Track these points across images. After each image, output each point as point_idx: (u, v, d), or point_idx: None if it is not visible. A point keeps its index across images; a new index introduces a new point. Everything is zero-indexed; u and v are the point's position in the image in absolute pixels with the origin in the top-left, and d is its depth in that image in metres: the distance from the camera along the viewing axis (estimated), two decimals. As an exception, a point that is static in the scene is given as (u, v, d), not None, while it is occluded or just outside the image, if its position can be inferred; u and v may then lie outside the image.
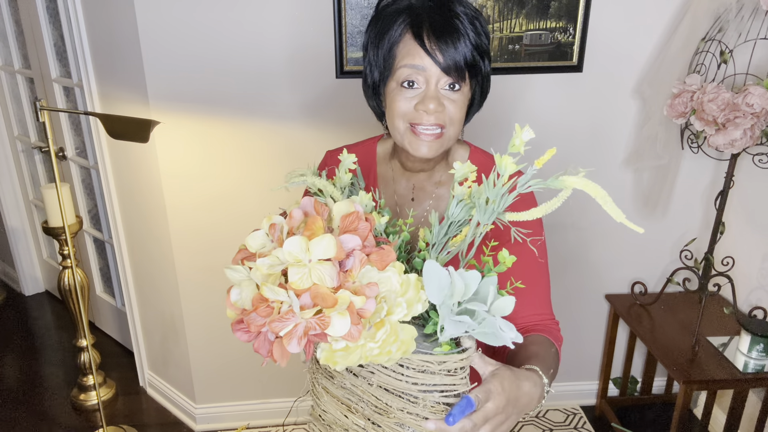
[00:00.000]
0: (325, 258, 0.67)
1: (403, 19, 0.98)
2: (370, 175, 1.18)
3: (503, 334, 0.72)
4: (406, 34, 0.98)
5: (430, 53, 0.96)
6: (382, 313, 0.70)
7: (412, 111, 1.00)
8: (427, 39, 0.96)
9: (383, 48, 1.01)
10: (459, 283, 0.72)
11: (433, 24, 0.96)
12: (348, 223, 0.72)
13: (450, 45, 0.97)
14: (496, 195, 0.77)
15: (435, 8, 0.98)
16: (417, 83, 0.99)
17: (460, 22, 0.97)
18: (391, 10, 1.01)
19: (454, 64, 0.97)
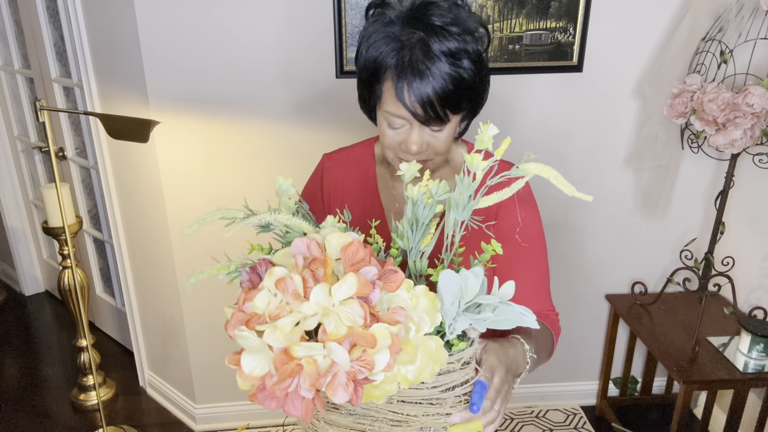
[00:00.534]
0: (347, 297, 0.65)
1: (386, 66, 0.94)
2: (369, 176, 1.17)
3: (524, 318, 0.75)
4: (387, 84, 0.95)
5: (411, 110, 0.94)
6: (411, 333, 0.69)
7: (398, 146, 1.00)
8: (408, 97, 0.93)
9: (368, 83, 0.99)
10: (473, 282, 0.73)
11: (411, 81, 0.92)
12: (352, 255, 0.69)
13: (429, 100, 0.92)
14: (469, 191, 0.79)
15: (417, 55, 0.92)
16: (401, 124, 0.98)
17: (438, 69, 0.92)
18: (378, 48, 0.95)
19: (435, 115, 0.94)
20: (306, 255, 0.69)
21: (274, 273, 0.66)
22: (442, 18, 0.93)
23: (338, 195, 1.18)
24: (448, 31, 0.92)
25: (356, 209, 1.16)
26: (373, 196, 1.16)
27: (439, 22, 0.93)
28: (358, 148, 1.21)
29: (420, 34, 0.92)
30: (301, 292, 0.64)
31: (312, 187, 1.23)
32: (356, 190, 1.17)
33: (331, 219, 0.80)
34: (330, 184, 1.19)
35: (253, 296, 0.66)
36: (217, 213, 0.84)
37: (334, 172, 1.19)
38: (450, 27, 0.93)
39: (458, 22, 0.94)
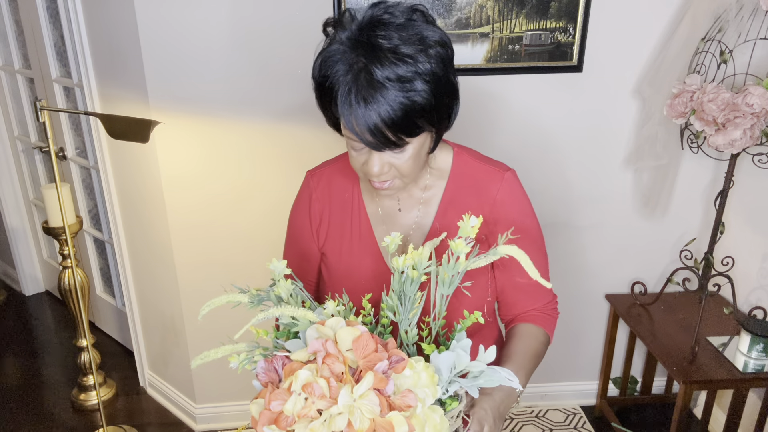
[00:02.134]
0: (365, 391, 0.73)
1: (335, 89, 0.92)
2: (354, 190, 1.16)
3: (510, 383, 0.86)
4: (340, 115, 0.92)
5: (360, 137, 0.91)
6: (418, 409, 0.76)
7: (362, 167, 0.99)
8: (355, 124, 0.90)
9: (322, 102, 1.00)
10: (464, 357, 0.84)
11: (356, 108, 0.88)
12: (363, 346, 0.76)
13: (377, 127, 0.89)
14: (453, 271, 0.87)
15: (362, 82, 0.88)
16: (360, 147, 0.97)
17: (384, 97, 0.87)
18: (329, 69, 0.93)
19: (387, 141, 0.91)
20: (322, 351, 0.76)
21: (300, 377, 0.73)
22: (390, 40, 0.88)
23: (326, 211, 1.17)
24: (396, 54, 0.87)
25: (344, 224, 1.15)
26: (359, 209, 1.15)
27: (387, 44, 0.88)
28: (340, 161, 1.19)
29: (363, 60, 0.88)
30: (327, 394, 0.72)
31: (300, 210, 1.21)
32: (342, 204, 1.16)
33: (332, 305, 0.86)
34: (317, 202, 1.17)
35: (278, 396, 0.74)
36: (225, 297, 0.89)
37: (320, 189, 1.18)
38: (400, 48, 0.88)
39: (409, 41, 0.89)
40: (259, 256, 2.15)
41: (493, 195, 1.10)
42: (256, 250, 2.16)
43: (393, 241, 0.90)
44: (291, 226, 1.24)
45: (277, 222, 2.13)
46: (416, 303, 0.88)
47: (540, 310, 1.18)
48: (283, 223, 2.13)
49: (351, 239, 1.14)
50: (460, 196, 1.11)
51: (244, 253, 2.16)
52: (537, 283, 1.08)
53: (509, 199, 1.11)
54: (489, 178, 1.11)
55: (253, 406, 0.78)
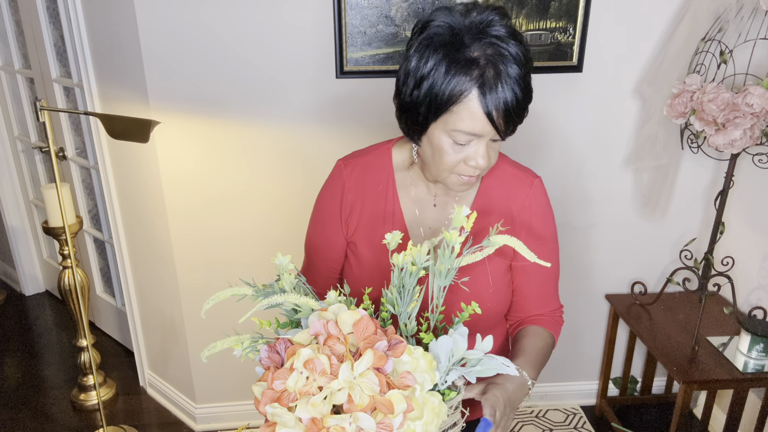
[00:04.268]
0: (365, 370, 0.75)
1: (472, 83, 0.92)
2: (389, 183, 1.15)
3: (506, 368, 0.87)
4: (472, 101, 0.93)
5: (497, 128, 0.95)
6: (417, 392, 0.78)
7: (461, 164, 1.01)
8: (497, 116, 0.94)
9: (435, 111, 0.96)
10: (461, 343, 0.85)
11: (507, 103, 0.93)
12: (363, 328, 0.78)
13: (517, 121, 0.97)
14: (449, 263, 0.89)
15: (509, 80, 0.93)
16: (467, 141, 0.98)
17: (528, 96, 0.95)
18: (453, 77, 0.93)
19: (513, 124, 0.97)
20: (323, 333, 0.78)
21: (302, 354, 0.74)
22: (505, 28, 0.94)
23: (357, 202, 1.16)
24: (516, 36, 0.95)
25: (376, 216, 1.15)
26: (393, 202, 1.14)
27: (504, 31, 0.94)
28: (374, 152, 1.18)
29: (494, 47, 0.93)
30: (328, 370, 0.73)
31: (331, 197, 1.19)
32: (375, 196, 1.15)
33: (332, 294, 0.88)
34: (350, 192, 1.16)
35: (281, 376, 0.75)
36: (229, 291, 0.91)
37: (353, 179, 1.16)
38: (514, 35, 0.95)
39: (516, 31, 0.96)
40: (260, 256, 2.16)
41: (521, 200, 1.14)
42: (257, 250, 2.16)
43: (393, 239, 0.91)
44: (318, 212, 1.23)
45: (277, 221, 2.13)
46: (415, 296, 0.89)
47: (547, 315, 1.21)
48: (282, 222, 2.14)
49: (381, 233, 1.14)
50: (491, 197, 1.14)
51: (245, 253, 2.16)
52: (549, 291, 1.09)
53: (535, 206, 1.15)
54: (519, 184, 1.15)
55: (256, 387, 0.79)
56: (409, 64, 0.97)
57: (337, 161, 1.19)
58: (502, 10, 0.96)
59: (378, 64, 1.93)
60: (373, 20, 1.88)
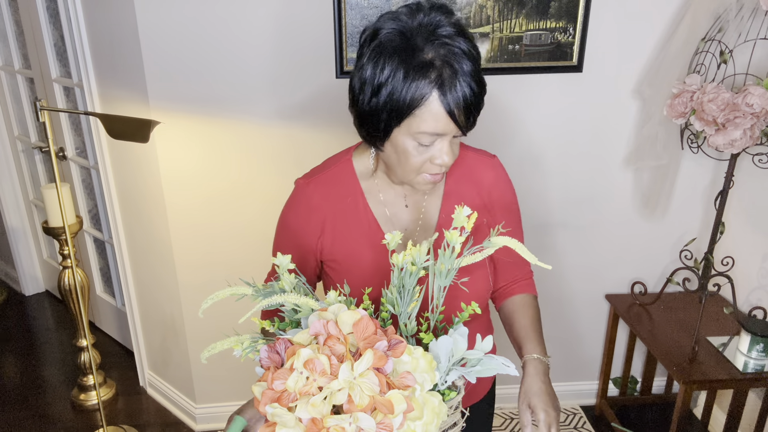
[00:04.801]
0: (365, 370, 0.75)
1: (432, 85, 0.93)
2: (357, 194, 1.14)
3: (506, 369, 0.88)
4: (433, 103, 0.94)
5: (459, 124, 0.96)
6: (417, 393, 0.78)
7: (427, 164, 1.02)
8: (458, 113, 0.95)
9: (398, 116, 0.97)
10: (461, 343, 0.86)
11: (466, 99, 0.94)
12: (363, 328, 0.79)
13: (475, 115, 0.98)
14: (449, 263, 0.90)
15: (465, 76, 0.94)
16: (431, 141, 0.99)
17: (469, 73, 0.95)
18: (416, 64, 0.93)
19: (472, 119, 0.99)
20: (323, 333, 0.78)
21: (302, 355, 0.74)
22: (453, 26, 0.96)
23: (328, 219, 1.14)
24: (464, 36, 0.96)
25: (350, 229, 1.14)
26: (365, 211, 1.14)
27: (453, 30, 0.95)
28: (334, 166, 1.17)
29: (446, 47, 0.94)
30: (328, 370, 0.73)
31: (296, 217, 1.17)
32: (344, 210, 1.14)
33: (333, 294, 0.88)
34: (317, 210, 1.14)
35: (281, 376, 0.75)
36: (228, 290, 0.92)
37: (318, 196, 1.15)
38: (462, 32, 0.96)
39: (463, 28, 0.97)
40: (260, 255, 2.15)
41: (488, 181, 1.18)
42: (257, 249, 2.16)
43: (393, 239, 0.91)
44: (284, 234, 1.22)
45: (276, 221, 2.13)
46: (415, 296, 0.90)
47: (521, 278, 1.26)
48: (283, 223, 2.14)
49: (362, 244, 1.13)
50: (458, 186, 1.17)
51: (245, 252, 2.16)
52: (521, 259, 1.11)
53: (501, 184, 1.20)
54: (481, 166, 1.18)
55: (256, 387, 0.79)
56: (364, 72, 0.98)
57: (297, 180, 1.18)
58: (445, 8, 0.98)
59: (378, 64, 1.93)
60: (373, 20, 1.87)
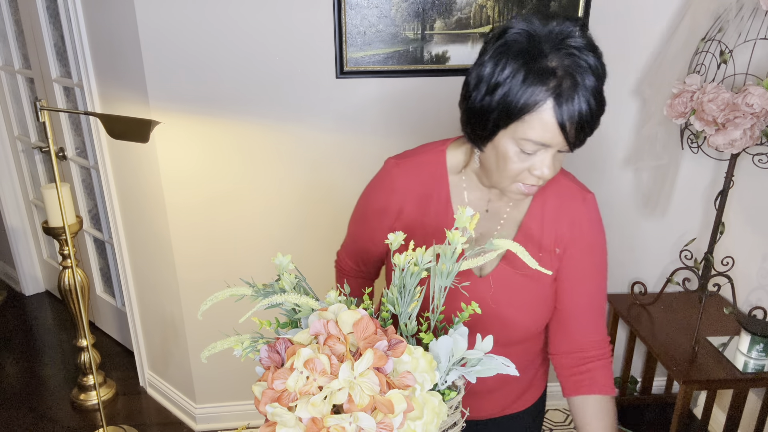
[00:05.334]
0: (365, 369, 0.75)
1: (548, 93, 0.90)
2: (442, 186, 1.12)
3: (506, 368, 0.87)
4: (546, 112, 0.91)
5: (568, 139, 0.94)
6: (417, 392, 0.78)
7: (524, 173, 0.99)
8: (569, 127, 0.92)
9: (506, 118, 0.94)
10: (462, 343, 0.85)
11: (582, 115, 0.92)
12: (363, 328, 0.78)
13: (588, 133, 0.96)
14: (451, 262, 0.89)
15: (585, 91, 0.92)
16: (534, 150, 0.96)
17: (601, 108, 0.94)
18: (538, 70, 0.90)
19: (584, 136, 0.96)
20: (323, 333, 0.78)
21: (302, 354, 0.74)
22: (584, 39, 0.94)
23: (406, 205, 1.13)
24: (593, 52, 0.94)
25: (426, 221, 1.11)
26: (444, 206, 1.11)
27: (583, 42, 0.93)
28: (428, 154, 1.14)
29: (572, 58, 0.92)
30: (328, 370, 0.73)
31: (376, 198, 1.16)
32: (427, 200, 1.11)
33: (333, 294, 0.88)
34: (398, 194, 1.12)
35: (281, 375, 0.75)
36: (228, 291, 0.92)
37: (404, 180, 1.12)
38: (593, 47, 0.94)
39: (594, 44, 0.95)
40: (260, 256, 2.16)
41: (573, 214, 1.13)
42: (257, 250, 2.16)
43: (396, 239, 0.91)
44: (363, 208, 1.20)
45: (277, 221, 2.13)
46: (416, 296, 0.89)
47: (598, 356, 1.17)
48: (282, 222, 2.14)
49: (433, 238, 1.11)
50: (545, 207, 1.13)
51: (245, 253, 2.16)
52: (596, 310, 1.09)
53: (587, 223, 1.13)
54: (571, 196, 1.14)
55: (256, 387, 0.79)
56: (483, 69, 0.95)
57: (388, 159, 1.15)
58: (581, 22, 0.95)
59: (378, 64, 1.93)
60: (373, 20, 1.88)
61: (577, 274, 1.13)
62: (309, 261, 2.13)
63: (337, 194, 2.11)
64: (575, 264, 1.12)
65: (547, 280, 1.12)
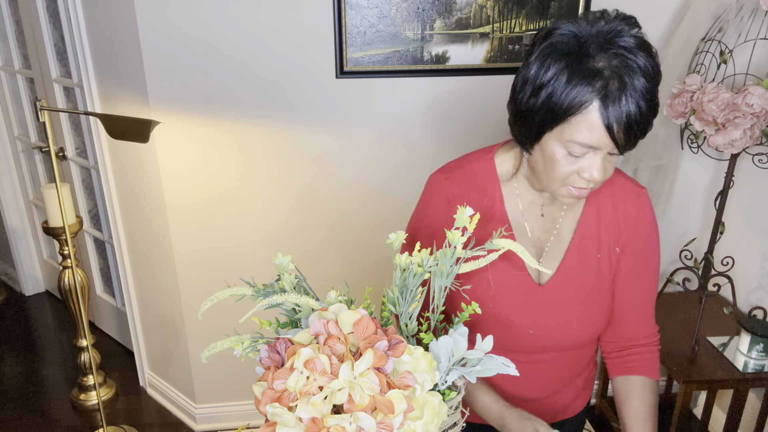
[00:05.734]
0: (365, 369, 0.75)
1: (594, 94, 0.88)
2: (495, 195, 1.09)
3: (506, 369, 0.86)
4: (592, 113, 0.89)
5: (616, 141, 0.90)
6: (417, 392, 0.78)
7: (573, 176, 0.96)
8: (617, 129, 0.89)
9: (552, 120, 0.92)
10: (462, 343, 0.85)
11: (630, 117, 0.88)
12: (363, 328, 0.79)
13: (639, 136, 0.92)
14: (450, 262, 0.89)
15: (634, 92, 0.88)
16: (582, 153, 0.93)
17: (652, 110, 0.90)
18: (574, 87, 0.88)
19: (635, 139, 0.92)
20: (324, 333, 0.78)
21: (302, 354, 0.74)
22: (634, 38, 0.91)
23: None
24: (645, 51, 0.90)
25: (483, 230, 1.06)
26: (500, 216, 1.08)
27: (633, 42, 0.90)
28: (476, 163, 1.11)
29: (621, 58, 0.89)
30: (328, 370, 0.74)
31: (437, 216, 1.11)
32: (481, 211, 1.07)
33: (333, 294, 0.88)
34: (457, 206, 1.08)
35: (281, 375, 0.75)
36: (228, 291, 0.92)
37: (457, 192, 1.08)
38: (644, 46, 0.91)
39: (645, 42, 0.92)
40: (260, 256, 2.16)
41: (629, 212, 1.11)
42: (257, 250, 2.16)
43: (397, 239, 0.91)
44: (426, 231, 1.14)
45: (277, 221, 2.13)
46: (417, 296, 0.89)
47: (647, 345, 1.18)
48: (282, 222, 2.14)
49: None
50: (600, 208, 1.11)
51: (245, 253, 2.16)
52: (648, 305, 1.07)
53: (642, 218, 1.12)
54: (625, 193, 1.12)
55: (256, 387, 0.79)
56: (529, 71, 0.93)
57: (434, 176, 1.12)
58: (632, 19, 0.92)
59: (378, 64, 1.93)
60: (373, 20, 1.88)
61: (632, 271, 1.12)
62: (309, 261, 2.13)
63: (337, 194, 2.11)
64: (631, 262, 1.12)
65: (605, 285, 1.12)
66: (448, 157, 1.18)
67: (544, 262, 1.10)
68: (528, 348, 1.13)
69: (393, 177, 2.10)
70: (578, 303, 1.11)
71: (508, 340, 1.10)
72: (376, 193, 2.12)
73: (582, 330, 1.13)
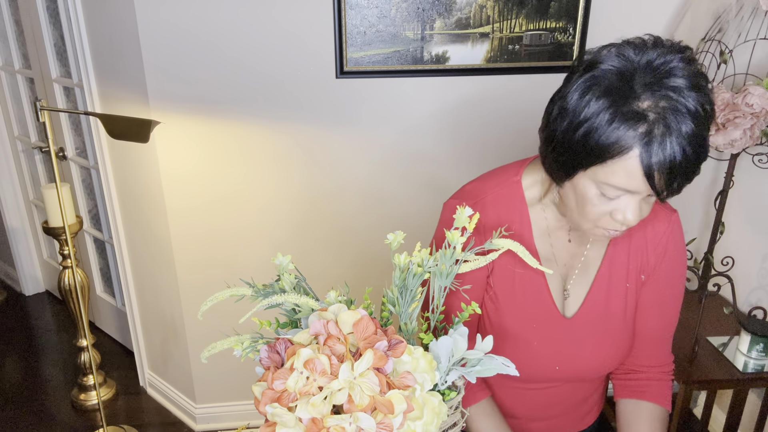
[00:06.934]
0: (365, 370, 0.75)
1: (636, 139, 0.81)
2: (523, 222, 1.03)
3: (506, 368, 0.86)
4: (632, 159, 0.82)
5: (656, 189, 0.85)
6: (417, 392, 0.78)
7: (606, 216, 0.90)
8: (658, 177, 0.83)
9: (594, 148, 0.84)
10: (462, 343, 0.85)
11: (673, 164, 0.82)
12: (363, 328, 0.79)
13: (683, 184, 0.87)
14: (450, 262, 0.89)
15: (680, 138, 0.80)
16: (617, 195, 0.88)
17: (699, 156, 0.83)
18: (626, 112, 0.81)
19: (678, 187, 0.87)
20: (323, 333, 0.78)
21: (302, 354, 0.74)
22: (686, 79, 0.82)
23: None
24: (697, 90, 0.82)
25: (511, 258, 1.01)
26: (528, 242, 1.03)
27: (684, 83, 0.81)
28: (503, 186, 1.04)
29: (669, 100, 0.81)
30: (328, 370, 0.74)
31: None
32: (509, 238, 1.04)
33: (333, 294, 0.88)
34: (483, 234, 1.01)
35: (281, 376, 0.75)
36: (228, 291, 0.92)
37: (487, 219, 1.02)
38: (696, 85, 0.82)
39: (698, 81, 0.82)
40: (260, 256, 2.16)
41: (658, 238, 1.06)
42: (257, 250, 2.16)
43: (396, 239, 0.91)
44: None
45: (277, 221, 2.13)
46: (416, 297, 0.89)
47: (659, 375, 1.14)
48: (282, 222, 2.14)
49: (521, 275, 1.04)
50: (630, 233, 1.05)
51: (245, 253, 2.16)
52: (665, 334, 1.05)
53: (672, 245, 1.07)
54: (656, 218, 1.07)
55: (256, 387, 0.79)
56: (567, 101, 0.86)
57: (454, 203, 1.03)
58: (687, 54, 0.83)
59: (378, 65, 1.93)
60: (373, 20, 1.88)
61: (655, 300, 1.09)
62: (309, 261, 2.14)
63: (337, 194, 2.11)
64: (655, 290, 1.08)
65: (630, 314, 1.08)
66: (448, 157, 1.18)
67: (570, 291, 1.07)
68: (550, 379, 1.11)
69: (393, 177, 2.10)
70: (604, 334, 1.07)
71: (532, 373, 1.08)
72: (375, 193, 2.12)
73: (608, 362, 1.10)
